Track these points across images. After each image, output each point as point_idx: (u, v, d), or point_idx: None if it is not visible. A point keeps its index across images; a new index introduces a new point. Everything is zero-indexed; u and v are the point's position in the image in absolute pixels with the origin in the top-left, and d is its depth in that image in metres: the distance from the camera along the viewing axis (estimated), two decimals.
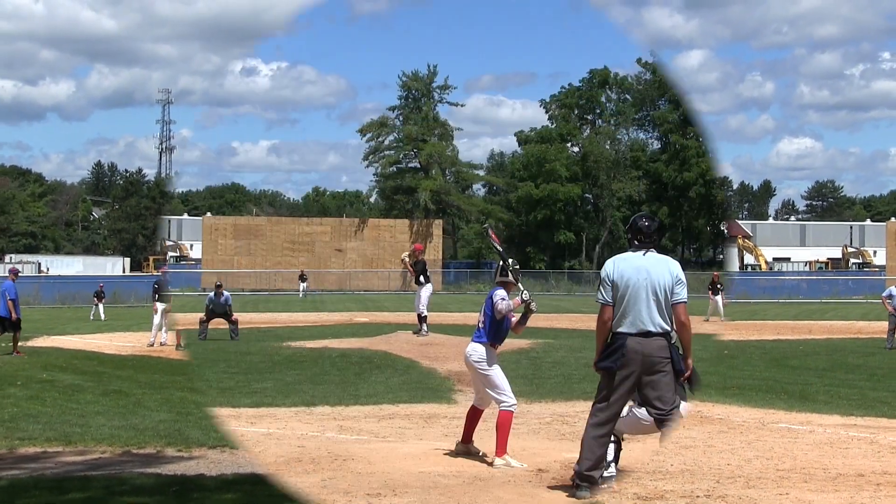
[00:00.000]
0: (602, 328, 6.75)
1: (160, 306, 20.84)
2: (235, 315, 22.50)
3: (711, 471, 7.63)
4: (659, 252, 6.86)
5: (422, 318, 19.86)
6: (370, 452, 8.32)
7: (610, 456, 7.02)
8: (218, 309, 22.16)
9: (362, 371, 15.19)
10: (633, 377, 6.61)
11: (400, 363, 16.31)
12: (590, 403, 6.98)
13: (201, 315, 22.54)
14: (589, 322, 7.78)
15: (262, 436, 9.26)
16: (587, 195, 71.40)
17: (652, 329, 6.60)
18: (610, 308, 6.72)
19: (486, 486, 6.98)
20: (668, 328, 6.67)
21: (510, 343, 19.80)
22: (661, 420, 6.65)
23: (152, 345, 20.57)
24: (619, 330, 6.67)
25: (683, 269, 6.93)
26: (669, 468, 7.64)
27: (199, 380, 13.98)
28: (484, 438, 8.42)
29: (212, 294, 22.71)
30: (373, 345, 19.76)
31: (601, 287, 6.80)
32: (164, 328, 20.91)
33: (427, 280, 19.86)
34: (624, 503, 6.47)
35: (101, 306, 33.04)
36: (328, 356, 17.46)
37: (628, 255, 6.86)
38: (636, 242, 6.82)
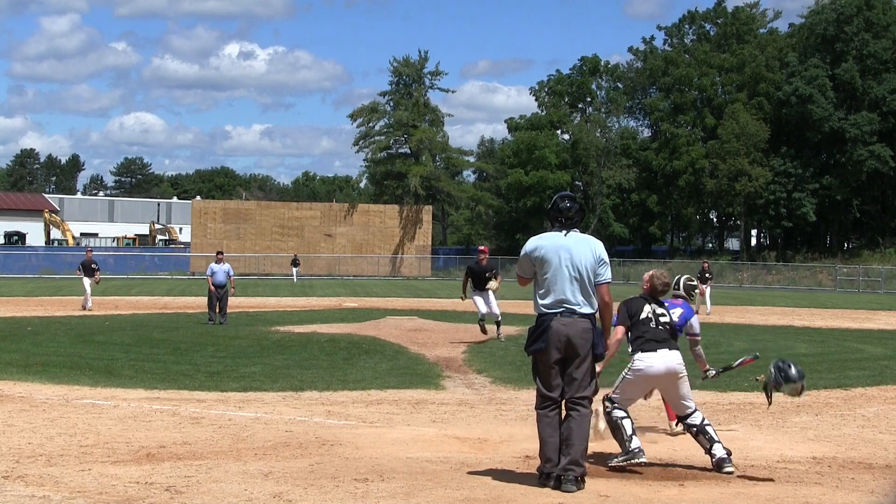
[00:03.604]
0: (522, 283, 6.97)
1: (86, 280, 26.47)
2: (232, 289, 22.29)
3: (11, 451, 7.58)
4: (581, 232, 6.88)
5: (499, 323, 17.98)
6: (358, 437, 8.32)
7: (629, 430, 7.08)
8: (219, 281, 21.94)
9: (350, 356, 15.19)
10: (560, 357, 6.57)
11: (388, 349, 16.32)
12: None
13: (208, 310, 22.24)
14: None
15: (249, 420, 9.25)
16: (577, 182, 71.41)
17: (577, 309, 6.58)
18: (526, 280, 6.87)
19: (474, 471, 6.99)
20: (593, 309, 6.65)
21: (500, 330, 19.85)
22: (574, 406, 6.58)
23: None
24: (543, 310, 6.63)
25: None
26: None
27: (187, 363, 13.96)
28: (486, 421, 8.41)
29: (213, 263, 22.67)
30: (361, 330, 19.78)
31: (520, 263, 6.85)
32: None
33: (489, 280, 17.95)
34: None
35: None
36: (317, 341, 17.46)
37: (550, 233, 6.81)
38: (558, 223, 6.80)
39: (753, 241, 73.88)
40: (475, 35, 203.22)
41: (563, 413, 6.70)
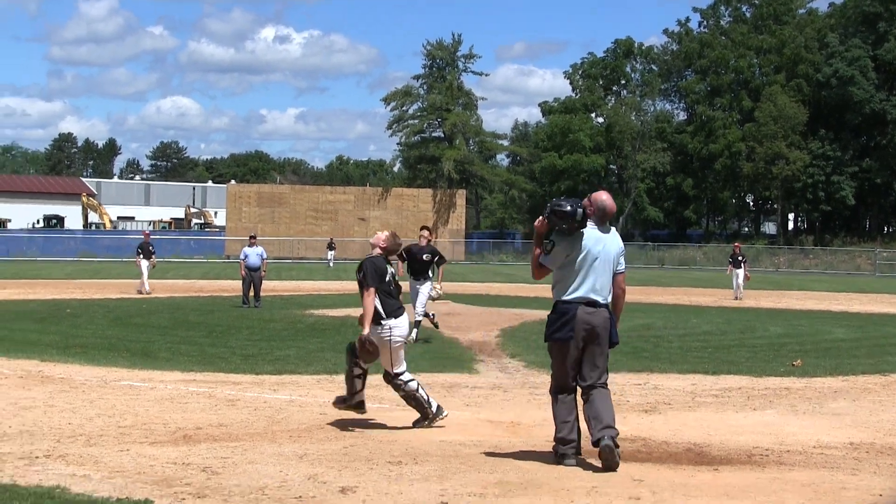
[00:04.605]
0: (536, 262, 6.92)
1: (144, 263, 26.24)
2: (263, 272, 22.40)
3: (52, 430, 7.66)
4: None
5: (418, 323, 15.21)
6: (391, 420, 8.37)
7: (425, 395, 8.10)
8: (252, 264, 22.06)
9: None
10: (580, 347, 6.71)
11: (422, 332, 16.34)
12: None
13: (242, 293, 22.30)
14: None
15: (284, 403, 9.32)
16: (612, 166, 70.99)
17: (600, 300, 6.73)
18: (547, 272, 6.91)
19: (506, 454, 7.00)
20: (609, 299, 6.82)
21: (531, 314, 19.85)
22: (595, 388, 6.71)
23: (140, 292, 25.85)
24: (568, 298, 6.71)
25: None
26: (8, 430, 7.64)
27: (223, 346, 14.08)
28: (524, 407, 8.38)
29: (246, 247, 22.83)
30: None
31: (554, 254, 6.75)
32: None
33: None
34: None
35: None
36: (351, 324, 17.53)
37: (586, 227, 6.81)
38: (589, 220, 6.81)
39: (791, 225, 73.08)
40: (511, 16, 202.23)
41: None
